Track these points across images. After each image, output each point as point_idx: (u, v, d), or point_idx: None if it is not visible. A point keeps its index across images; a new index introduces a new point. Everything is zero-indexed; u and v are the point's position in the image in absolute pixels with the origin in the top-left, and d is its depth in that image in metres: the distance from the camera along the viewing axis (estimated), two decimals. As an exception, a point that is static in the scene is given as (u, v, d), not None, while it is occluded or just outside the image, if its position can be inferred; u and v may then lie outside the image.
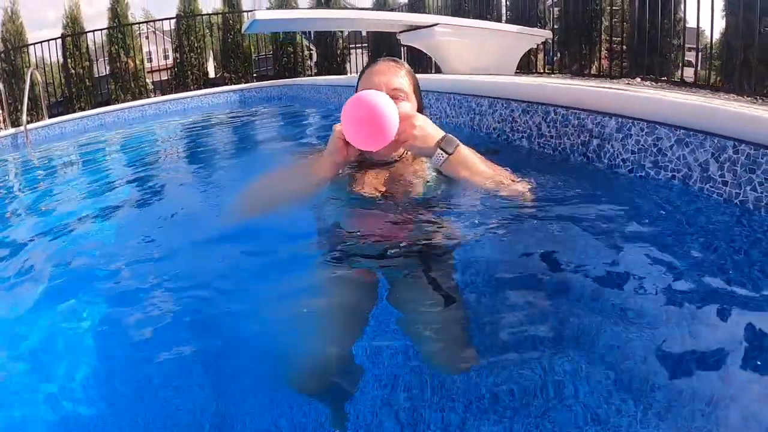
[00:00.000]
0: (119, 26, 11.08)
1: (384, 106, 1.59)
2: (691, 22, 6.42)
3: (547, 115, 2.54)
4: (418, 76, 1.93)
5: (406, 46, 8.34)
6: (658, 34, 6.44)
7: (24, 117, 6.94)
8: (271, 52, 12.82)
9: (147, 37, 15.28)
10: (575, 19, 7.54)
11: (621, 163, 2.18)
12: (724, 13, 6.19)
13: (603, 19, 7.58)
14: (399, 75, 1.80)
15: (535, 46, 5.15)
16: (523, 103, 2.70)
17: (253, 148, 4.10)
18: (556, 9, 8.29)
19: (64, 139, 6.44)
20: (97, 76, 11.61)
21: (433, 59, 5.72)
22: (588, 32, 7.46)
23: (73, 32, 10.95)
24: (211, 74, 12.58)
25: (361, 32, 12.64)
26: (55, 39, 10.66)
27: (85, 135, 6.54)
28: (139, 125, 6.82)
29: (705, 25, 5.87)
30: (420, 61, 9.38)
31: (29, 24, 11.30)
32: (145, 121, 7.30)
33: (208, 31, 12.28)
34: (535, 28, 5.16)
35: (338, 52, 12.66)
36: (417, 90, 1.87)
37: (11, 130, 7.11)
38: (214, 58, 13.23)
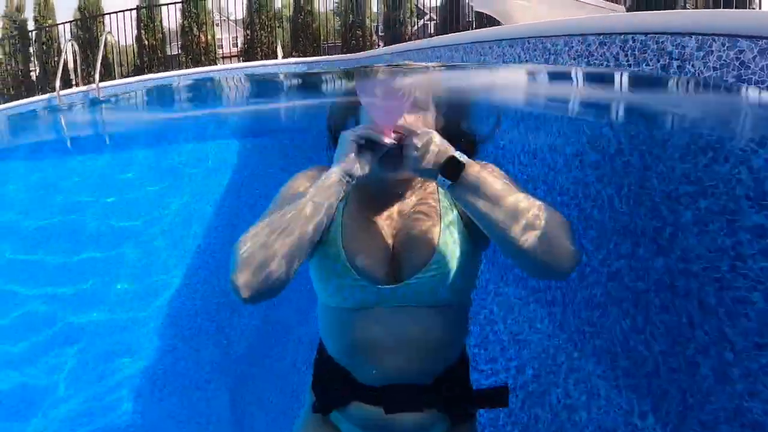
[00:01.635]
0: (194, -1, 11.40)
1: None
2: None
3: (625, 43, 2.51)
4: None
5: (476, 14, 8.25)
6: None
7: (97, 75, 7.24)
8: (339, 41, 12.96)
9: (218, 25, 15.68)
10: (648, 6, 7.40)
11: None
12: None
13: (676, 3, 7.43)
14: None
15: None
16: (600, 35, 2.67)
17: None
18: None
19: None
20: (169, 54, 12.01)
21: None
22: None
23: (149, 4, 11.34)
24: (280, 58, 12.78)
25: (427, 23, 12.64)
26: (130, 10, 11.06)
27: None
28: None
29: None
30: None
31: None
32: (212, 86, 7.46)
33: (278, 22, 12.49)
34: (612, 3, 5.07)
35: (406, 38, 12.71)
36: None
37: (83, 87, 7.43)
38: (283, 48, 13.46)
